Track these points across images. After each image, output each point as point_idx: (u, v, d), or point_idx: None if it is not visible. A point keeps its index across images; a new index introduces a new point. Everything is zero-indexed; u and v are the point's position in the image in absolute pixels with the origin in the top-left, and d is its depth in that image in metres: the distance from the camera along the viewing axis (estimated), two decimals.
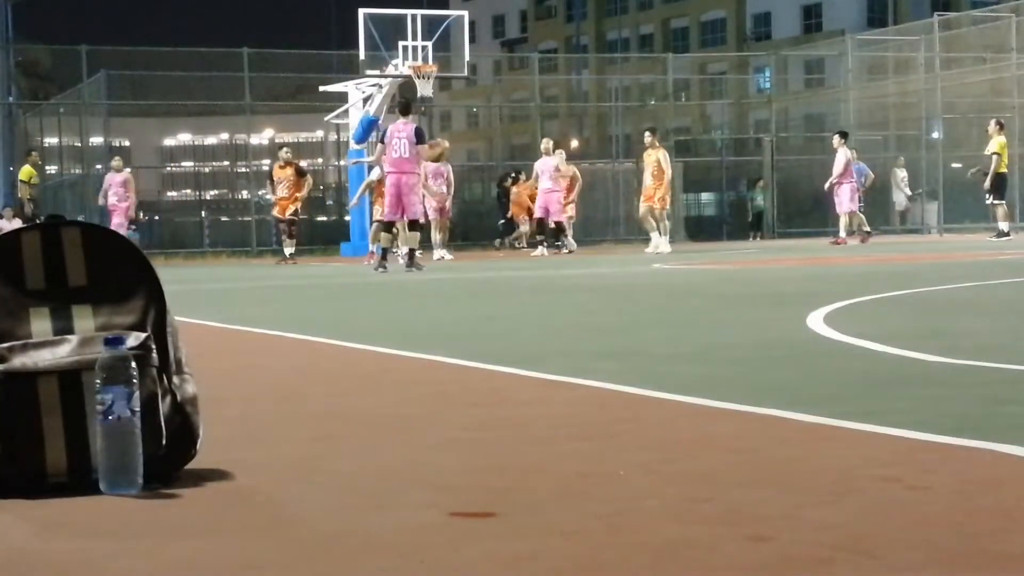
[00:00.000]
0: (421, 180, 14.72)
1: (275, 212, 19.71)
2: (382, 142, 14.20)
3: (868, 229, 20.56)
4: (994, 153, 19.47)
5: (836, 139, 20.54)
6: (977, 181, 20.33)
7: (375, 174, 17.51)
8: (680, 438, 2.50)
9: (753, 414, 2.74)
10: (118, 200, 20.00)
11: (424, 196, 16.24)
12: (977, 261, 12.13)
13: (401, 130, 13.82)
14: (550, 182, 19.60)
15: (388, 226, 13.93)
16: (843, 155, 19.96)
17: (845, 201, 20.05)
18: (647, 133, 18.57)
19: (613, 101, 33.57)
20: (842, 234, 20.13)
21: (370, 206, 22.22)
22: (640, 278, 10.72)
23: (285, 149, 20.27)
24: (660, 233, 18.36)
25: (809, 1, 60.22)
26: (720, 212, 31.27)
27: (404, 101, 14.85)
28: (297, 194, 19.26)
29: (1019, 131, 24.68)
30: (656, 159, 18.08)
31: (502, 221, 25.21)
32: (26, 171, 20.80)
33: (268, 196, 20.22)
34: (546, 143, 20.24)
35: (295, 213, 19.43)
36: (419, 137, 13.92)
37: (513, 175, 26.08)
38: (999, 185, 19.69)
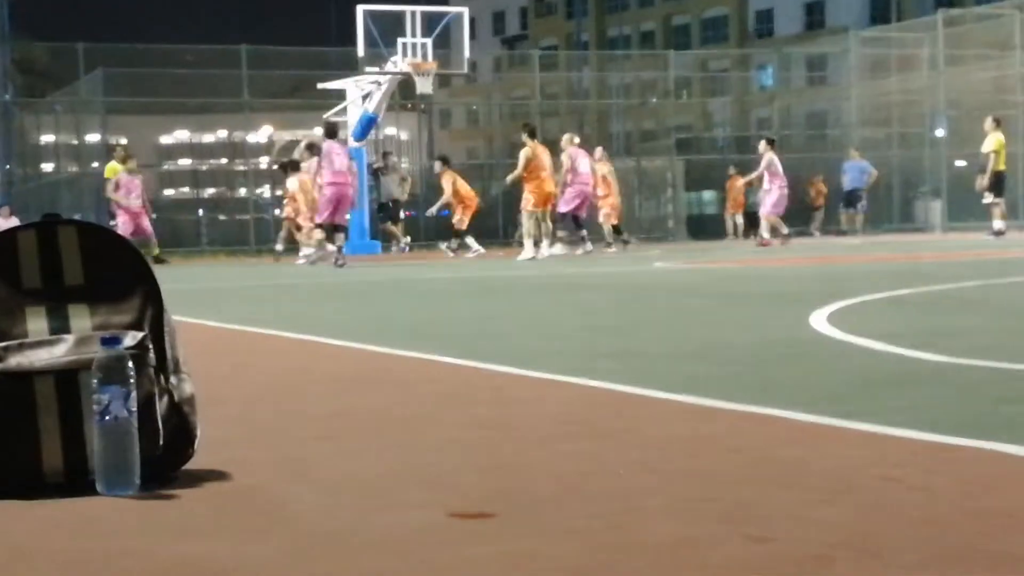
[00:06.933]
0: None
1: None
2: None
3: (786, 231, 20.38)
4: (992, 151, 19.44)
5: (763, 144, 20.18)
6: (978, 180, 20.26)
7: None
8: (680, 437, 2.50)
9: (753, 414, 2.73)
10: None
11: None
12: (980, 260, 12.13)
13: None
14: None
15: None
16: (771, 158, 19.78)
17: (768, 204, 19.99)
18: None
19: (614, 98, 33.56)
20: (766, 235, 20.08)
21: (376, 206, 22.15)
22: (640, 277, 10.72)
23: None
24: (544, 237, 16.99)
25: None
26: (721, 211, 31.26)
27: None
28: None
29: (1023, 129, 24.68)
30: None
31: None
32: (111, 168, 19.55)
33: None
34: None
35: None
36: None
37: (735, 169, 26.06)
38: (998, 183, 19.65)
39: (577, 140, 18.66)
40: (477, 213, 20.28)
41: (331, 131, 16.33)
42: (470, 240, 19.40)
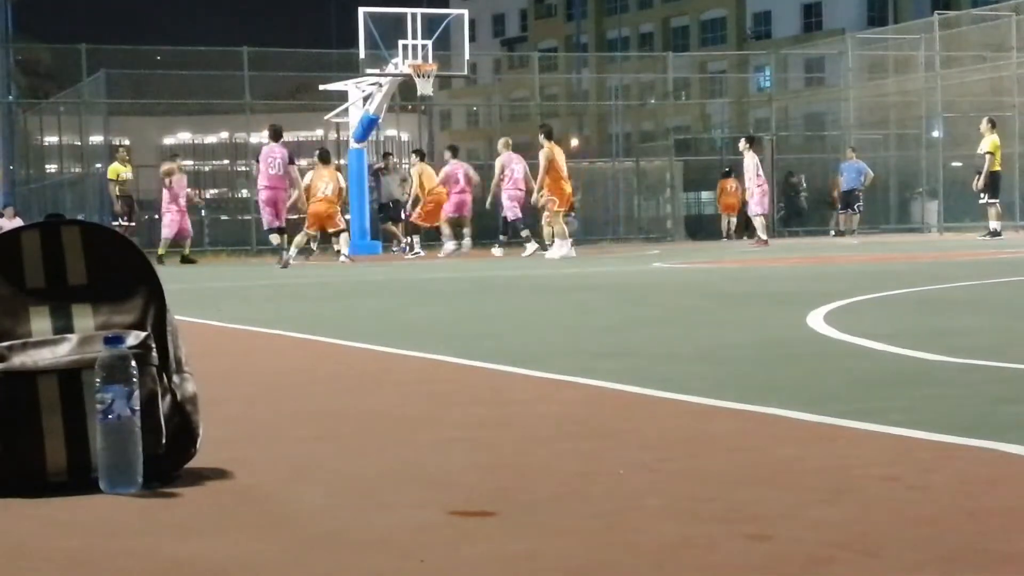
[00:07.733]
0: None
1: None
2: None
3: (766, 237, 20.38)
4: (987, 152, 19.48)
5: (743, 143, 20.17)
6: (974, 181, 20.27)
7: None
8: (680, 437, 2.50)
9: (753, 414, 2.74)
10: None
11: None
12: (977, 260, 12.13)
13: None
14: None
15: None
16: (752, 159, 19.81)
17: (753, 203, 20.20)
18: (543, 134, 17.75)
19: (613, 100, 33.55)
20: (763, 235, 20.24)
21: (377, 206, 22.13)
22: (640, 277, 10.72)
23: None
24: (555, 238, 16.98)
25: (809, 0, 60.22)
26: (719, 211, 31.28)
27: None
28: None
29: (1019, 130, 24.68)
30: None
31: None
32: (113, 169, 19.75)
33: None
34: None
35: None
36: None
37: (726, 170, 26.10)
38: (994, 184, 19.68)
39: (512, 144, 18.95)
40: (439, 208, 20.09)
41: (275, 134, 16.71)
42: (416, 241, 19.37)
